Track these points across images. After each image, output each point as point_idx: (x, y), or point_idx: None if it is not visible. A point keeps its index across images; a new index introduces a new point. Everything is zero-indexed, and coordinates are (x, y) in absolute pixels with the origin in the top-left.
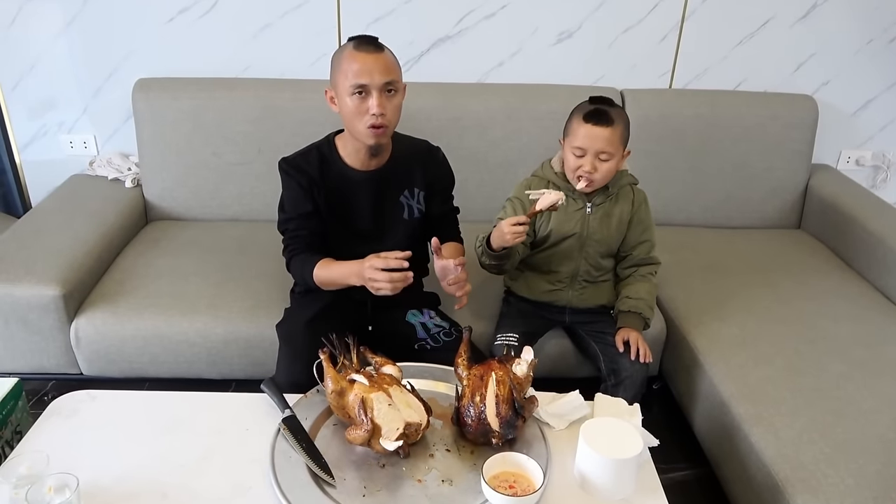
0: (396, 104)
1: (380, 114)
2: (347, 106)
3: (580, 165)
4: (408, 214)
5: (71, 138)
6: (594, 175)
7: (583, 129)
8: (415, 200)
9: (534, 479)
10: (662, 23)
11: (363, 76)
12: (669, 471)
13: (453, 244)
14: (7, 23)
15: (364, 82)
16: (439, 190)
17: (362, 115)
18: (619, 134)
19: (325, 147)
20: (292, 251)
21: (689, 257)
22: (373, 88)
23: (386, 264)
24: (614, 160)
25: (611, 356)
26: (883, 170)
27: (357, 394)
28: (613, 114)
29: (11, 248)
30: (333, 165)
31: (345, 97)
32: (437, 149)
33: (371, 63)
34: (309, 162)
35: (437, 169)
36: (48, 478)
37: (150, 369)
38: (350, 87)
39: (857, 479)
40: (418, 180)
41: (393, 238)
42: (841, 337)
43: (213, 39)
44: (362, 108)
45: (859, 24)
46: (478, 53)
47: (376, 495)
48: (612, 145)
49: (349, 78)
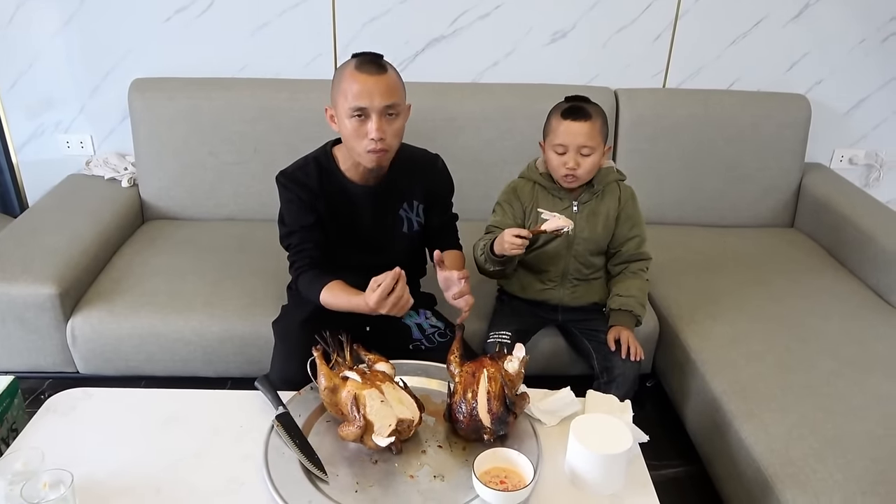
0: (398, 127)
1: (379, 138)
2: (347, 128)
3: (563, 163)
4: (407, 228)
5: (68, 138)
6: (578, 171)
7: (562, 127)
8: (414, 213)
9: (524, 475)
10: (656, 22)
11: (362, 99)
12: (661, 467)
13: (455, 253)
14: (4, 22)
15: (363, 105)
16: (439, 200)
17: (361, 139)
18: (597, 128)
19: (322, 158)
20: (299, 269)
21: (683, 256)
22: (372, 111)
23: (384, 292)
24: (596, 154)
25: (603, 354)
26: (876, 169)
27: (350, 390)
28: (590, 109)
29: (8, 247)
30: (333, 177)
31: (344, 119)
32: (436, 158)
33: (372, 85)
34: (308, 174)
35: (437, 179)
36: (43, 474)
37: (147, 367)
38: (349, 110)
39: (846, 475)
40: (418, 193)
41: (391, 250)
42: (832, 334)
43: (210, 39)
44: (361, 131)
45: (852, 24)
46: (472, 53)
47: (369, 491)
48: (592, 139)
49: (348, 99)
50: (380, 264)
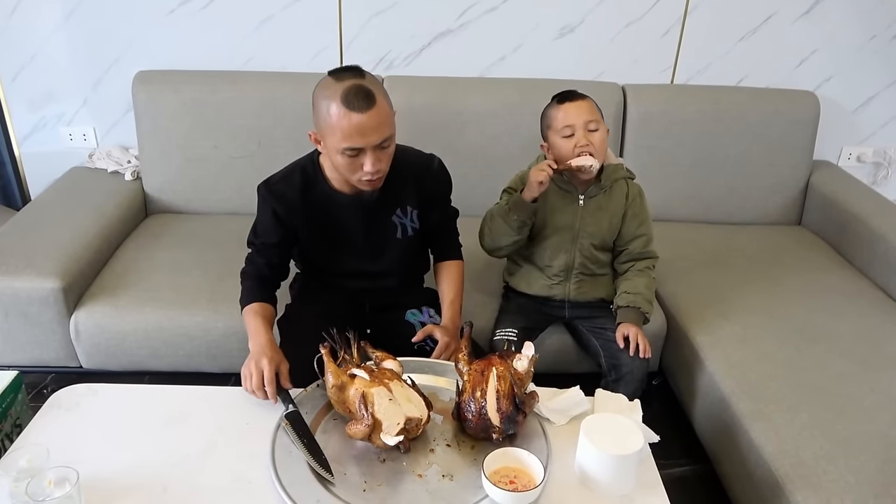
0: (390, 153)
1: (375, 171)
2: (339, 161)
3: (576, 142)
4: (401, 234)
5: (70, 130)
6: (592, 146)
7: (562, 111)
8: (408, 219)
9: (534, 475)
10: (664, 18)
11: (356, 139)
12: (669, 467)
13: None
14: (7, 14)
15: (358, 146)
16: (436, 201)
17: (356, 171)
18: (594, 106)
19: (309, 167)
20: (245, 272)
21: (690, 253)
22: (367, 149)
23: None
24: (602, 130)
25: (611, 352)
26: (884, 166)
27: (357, 388)
28: (580, 92)
29: (11, 241)
30: (318, 188)
31: (335, 153)
32: (431, 158)
33: (364, 123)
34: (291, 185)
35: (432, 181)
36: (48, 471)
37: (150, 363)
38: (342, 148)
39: (857, 476)
40: (411, 198)
41: (387, 257)
42: (841, 334)
43: (214, 32)
44: (356, 165)
45: (862, 21)
46: (479, 48)
47: (377, 490)
48: (594, 114)
49: (340, 138)
50: (376, 270)
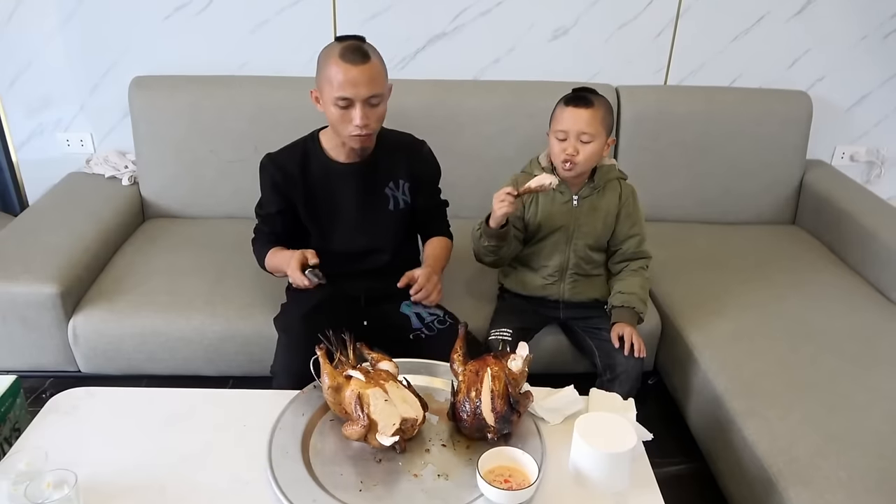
0: (380, 112)
1: (363, 125)
2: (332, 113)
3: (563, 149)
4: (393, 206)
5: (68, 136)
6: (576, 158)
7: (564, 113)
8: (400, 192)
9: (529, 474)
10: (658, 19)
11: (347, 89)
12: (664, 465)
13: (438, 240)
14: (3, 20)
15: (348, 96)
16: (425, 183)
17: (346, 124)
18: (599, 117)
19: (310, 142)
20: (254, 239)
21: (684, 253)
22: (357, 101)
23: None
24: (596, 143)
25: (606, 352)
26: (877, 165)
27: (353, 390)
28: (594, 98)
29: (9, 246)
30: (316, 159)
31: (329, 105)
32: (421, 142)
33: (356, 75)
34: (292, 157)
35: (422, 162)
36: (47, 474)
37: (148, 366)
38: (334, 98)
39: (850, 472)
40: (403, 172)
41: (379, 230)
42: (835, 331)
43: (210, 37)
44: (346, 118)
45: (854, 20)
46: (473, 50)
47: (373, 490)
48: (592, 127)
49: (334, 88)
50: (368, 246)
